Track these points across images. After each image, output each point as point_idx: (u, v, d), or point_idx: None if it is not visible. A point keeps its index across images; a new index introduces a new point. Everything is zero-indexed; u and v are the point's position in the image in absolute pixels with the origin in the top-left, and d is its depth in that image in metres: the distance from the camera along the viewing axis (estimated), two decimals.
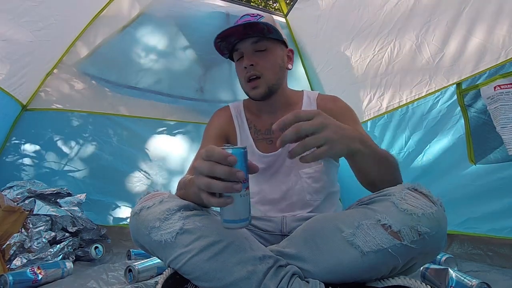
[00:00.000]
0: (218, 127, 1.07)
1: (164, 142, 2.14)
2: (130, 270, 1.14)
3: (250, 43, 0.97)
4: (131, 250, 1.53)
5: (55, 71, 1.94)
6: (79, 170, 1.93)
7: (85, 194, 1.69)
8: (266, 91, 0.97)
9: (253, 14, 0.98)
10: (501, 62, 1.29)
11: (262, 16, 0.97)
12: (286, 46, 1.05)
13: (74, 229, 1.53)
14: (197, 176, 0.57)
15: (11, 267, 1.25)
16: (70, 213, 1.54)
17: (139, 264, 1.15)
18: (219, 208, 0.60)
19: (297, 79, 2.42)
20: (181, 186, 0.84)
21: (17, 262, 1.27)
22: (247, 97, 1.14)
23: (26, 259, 1.29)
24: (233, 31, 0.94)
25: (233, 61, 1.06)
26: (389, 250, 0.61)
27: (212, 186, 0.55)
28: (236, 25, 0.92)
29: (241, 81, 1.02)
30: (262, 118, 1.06)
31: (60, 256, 1.38)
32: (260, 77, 0.96)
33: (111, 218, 1.93)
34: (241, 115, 1.09)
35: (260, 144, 1.04)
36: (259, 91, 0.97)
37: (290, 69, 1.06)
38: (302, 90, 1.11)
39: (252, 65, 0.95)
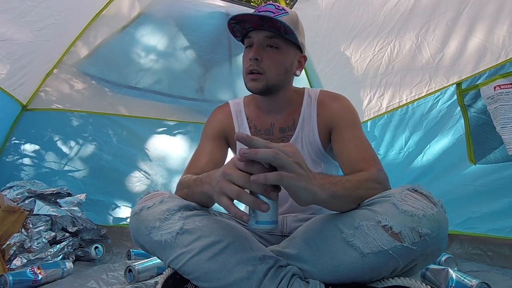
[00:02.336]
0: (217, 126, 1.04)
1: (164, 142, 2.14)
2: (130, 270, 1.13)
3: (264, 35, 0.91)
4: (131, 250, 1.53)
5: (55, 71, 1.94)
6: (79, 170, 1.93)
7: (85, 194, 1.69)
8: (264, 88, 0.92)
9: (279, 6, 0.91)
10: (501, 62, 1.29)
11: (287, 12, 0.91)
12: (301, 51, 0.99)
13: (74, 229, 1.53)
14: (224, 183, 0.58)
15: (11, 267, 1.25)
16: (70, 213, 1.54)
17: (139, 264, 1.15)
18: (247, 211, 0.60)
19: (297, 79, 2.37)
20: (183, 185, 0.83)
21: (17, 262, 1.27)
22: (247, 94, 1.13)
23: (26, 259, 1.29)
24: (248, 18, 0.88)
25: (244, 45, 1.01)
26: (390, 251, 0.61)
27: (242, 198, 0.56)
28: (252, 13, 0.86)
29: (243, 70, 0.96)
30: (262, 117, 1.03)
31: (60, 256, 1.38)
32: (262, 73, 0.91)
33: (111, 218, 1.93)
34: (241, 113, 1.05)
35: None
36: (256, 85, 0.91)
37: (298, 76, 1.01)
38: (304, 88, 1.07)
39: (257, 59, 0.90)
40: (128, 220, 0.81)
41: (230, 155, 1.08)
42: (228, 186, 0.57)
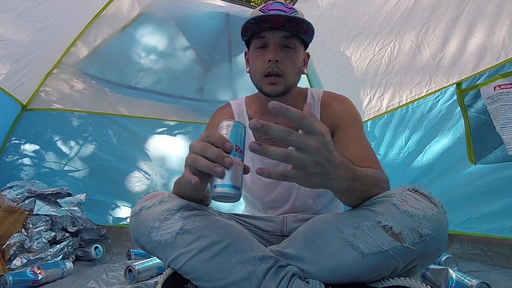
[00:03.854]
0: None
1: (164, 142, 2.14)
2: (130, 270, 1.13)
3: (281, 36, 0.90)
4: (131, 250, 1.53)
5: (55, 71, 1.94)
6: (79, 170, 1.93)
7: (85, 194, 1.69)
8: (283, 90, 0.92)
9: (287, 5, 0.90)
10: (501, 62, 1.29)
11: (296, 11, 0.91)
12: (305, 49, 1.00)
13: (74, 229, 1.53)
14: (188, 155, 0.59)
15: (11, 267, 1.25)
16: (70, 213, 1.54)
17: (139, 264, 1.15)
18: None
19: None
20: (175, 184, 0.84)
21: (17, 262, 1.27)
22: (247, 94, 1.13)
23: (26, 259, 1.29)
24: (275, 18, 0.86)
25: (247, 45, 0.99)
26: (390, 252, 0.61)
27: (196, 163, 0.56)
28: (280, 14, 0.85)
29: (255, 72, 0.94)
30: (265, 117, 1.00)
31: (60, 256, 1.38)
32: (281, 75, 0.90)
33: (111, 218, 1.93)
34: (243, 114, 1.05)
35: None
36: (277, 88, 0.90)
37: (305, 74, 1.01)
38: (307, 88, 1.06)
39: (277, 60, 0.88)
40: (128, 220, 0.81)
41: None
42: (189, 156, 0.59)
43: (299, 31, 0.90)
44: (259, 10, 0.91)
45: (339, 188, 0.61)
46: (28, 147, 1.86)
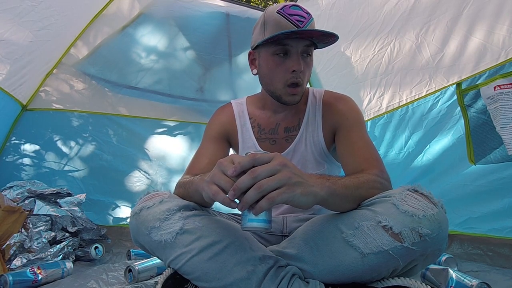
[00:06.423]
0: (218, 126, 1.04)
1: (164, 142, 2.14)
2: (130, 270, 1.13)
3: (304, 45, 0.88)
4: (131, 250, 1.53)
5: (55, 71, 1.94)
6: (79, 170, 1.93)
7: (85, 194, 1.69)
8: (300, 98, 0.93)
9: (304, 9, 0.88)
10: (501, 62, 1.29)
11: (312, 16, 0.89)
12: None
13: (74, 229, 1.53)
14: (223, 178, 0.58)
15: (11, 267, 1.25)
16: (70, 213, 1.54)
17: (139, 264, 1.14)
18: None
19: None
20: (180, 185, 0.85)
21: (17, 262, 1.27)
22: (248, 94, 1.12)
23: (26, 259, 1.29)
24: (312, 34, 0.85)
25: (256, 47, 0.94)
26: (390, 252, 0.61)
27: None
28: (319, 30, 0.83)
29: (275, 80, 0.91)
30: (267, 116, 1.02)
31: (60, 256, 1.38)
32: (301, 85, 0.90)
33: (111, 218, 1.93)
34: (244, 113, 1.05)
35: (263, 145, 1.01)
36: (296, 98, 0.91)
37: None
38: (307, 88, 1.05)
39: (301, 71, 0.88)
40: (128, 220, 0.81)
41: None
42: (222, 177, 0.58)
43: (319, 41, 0.89)
44: (276, 13, 0.86)
45: (325, 194, 0.61)
46: (28, 147, 1.86)
